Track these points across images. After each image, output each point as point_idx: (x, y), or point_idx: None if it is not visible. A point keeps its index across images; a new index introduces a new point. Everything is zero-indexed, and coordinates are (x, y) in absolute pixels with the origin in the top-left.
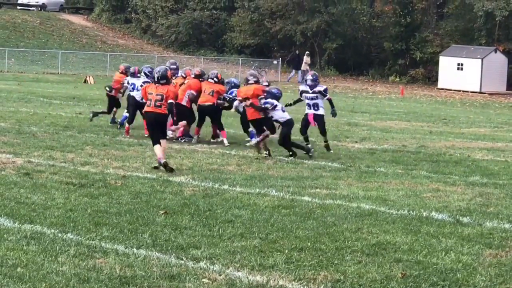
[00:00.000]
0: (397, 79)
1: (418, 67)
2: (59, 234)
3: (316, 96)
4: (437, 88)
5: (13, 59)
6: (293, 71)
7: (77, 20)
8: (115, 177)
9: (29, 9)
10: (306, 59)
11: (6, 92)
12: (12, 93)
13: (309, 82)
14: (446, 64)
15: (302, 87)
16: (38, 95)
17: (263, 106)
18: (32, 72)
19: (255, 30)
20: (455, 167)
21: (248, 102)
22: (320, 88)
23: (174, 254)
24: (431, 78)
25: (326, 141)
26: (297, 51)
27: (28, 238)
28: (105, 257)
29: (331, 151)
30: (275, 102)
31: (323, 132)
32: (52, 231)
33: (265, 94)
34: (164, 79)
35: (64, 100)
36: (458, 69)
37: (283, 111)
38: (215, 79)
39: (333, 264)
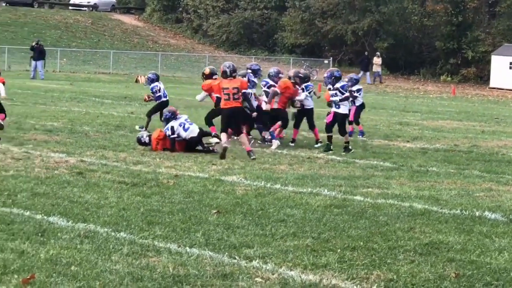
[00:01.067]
0: (449, 78)
1: (469, 66)
2: (112, 233)
3: (336, 93)
4: (489, 87)
5: (65, 59)
6: (361, 72)
7: (129, 20)
8: (167, 176)
9: (81, 9)
10: (377, 60)
11: (59, 92)
12: (65, 93)
13: (328, 80)
14: (498, 63)
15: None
16: (90, 95)
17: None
18: (84, 72)
19: (306, 29)
20: (507, 166)
21: None
22: (338, 84)
23: (226, 253)
24: (483, 77)
25: (346, 142)
26: (366, 52)
27: (82, 237)
28: (158, 256)
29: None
30: None
31: (341, 131)
32: (105, 230)
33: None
34: (235, 72)
35: (115, 99)
36: (510, 68)
37: None
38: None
39: (386, 264)
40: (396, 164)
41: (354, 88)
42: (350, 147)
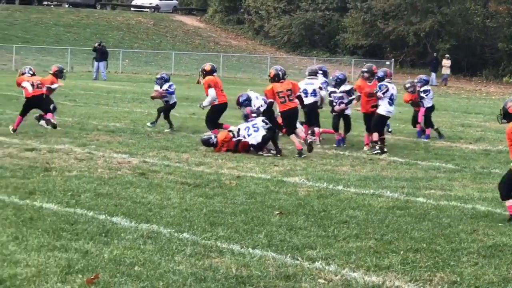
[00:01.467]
0: (511, 79)
1: None
2: (175, 234)
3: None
4: None
5: (127, 60)
6: (432, 74)
7: (190, 21)
8: (229, 177)
9: (143, 11)
10: (446, 62)
11: (121, 92)
12: (127, 94)
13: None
14: None
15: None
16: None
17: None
18: (146, 73)
19: (368, 30)
20: None
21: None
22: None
23: (289, 254)
24: None
25: (375, 141)
26: (435, 53)
27: (145, 237)
28: (221, 257)
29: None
30: None
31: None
32: (168, 230)
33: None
34: (286, 75)
35: (177, 100)
36: None
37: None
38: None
39: (449, 266)
40: (458, 165)
41: (422, 89)
42: (380, 148)
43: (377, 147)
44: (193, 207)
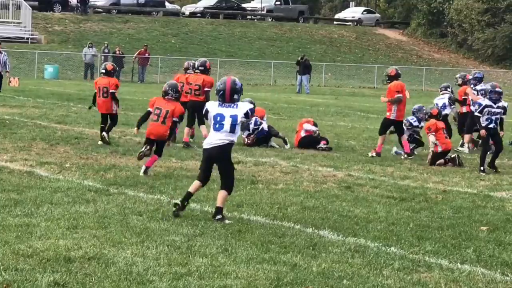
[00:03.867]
0: None
1: None
2: (383, 248)
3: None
4: None
5: (329, 74)
6: None
7: (393, 34)
8: (435, 191)
9: (346, 24)
10: None
11: (324, 106)
12: (330, 107)
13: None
14: None
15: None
16: (355, 109)
17: None
18: (348, 86)
19: None
20: None
21: None
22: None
23: (499, 271)
24: None
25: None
26: None
27: (353, 251)
28: (430, 272)
29: None
30: None
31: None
32: (376, 244)
33: None
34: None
35: (381, 114)
36: None
37: None
38: None
39: None
40: None
41: None
42: None
43: None
44: (399, 221)
